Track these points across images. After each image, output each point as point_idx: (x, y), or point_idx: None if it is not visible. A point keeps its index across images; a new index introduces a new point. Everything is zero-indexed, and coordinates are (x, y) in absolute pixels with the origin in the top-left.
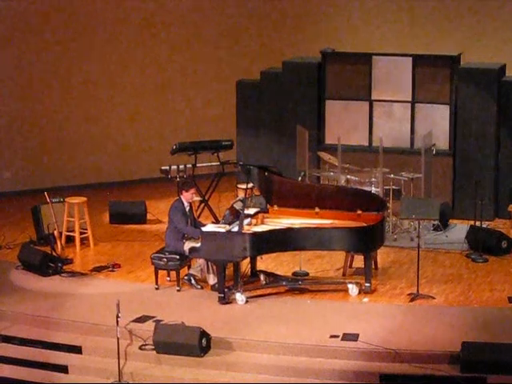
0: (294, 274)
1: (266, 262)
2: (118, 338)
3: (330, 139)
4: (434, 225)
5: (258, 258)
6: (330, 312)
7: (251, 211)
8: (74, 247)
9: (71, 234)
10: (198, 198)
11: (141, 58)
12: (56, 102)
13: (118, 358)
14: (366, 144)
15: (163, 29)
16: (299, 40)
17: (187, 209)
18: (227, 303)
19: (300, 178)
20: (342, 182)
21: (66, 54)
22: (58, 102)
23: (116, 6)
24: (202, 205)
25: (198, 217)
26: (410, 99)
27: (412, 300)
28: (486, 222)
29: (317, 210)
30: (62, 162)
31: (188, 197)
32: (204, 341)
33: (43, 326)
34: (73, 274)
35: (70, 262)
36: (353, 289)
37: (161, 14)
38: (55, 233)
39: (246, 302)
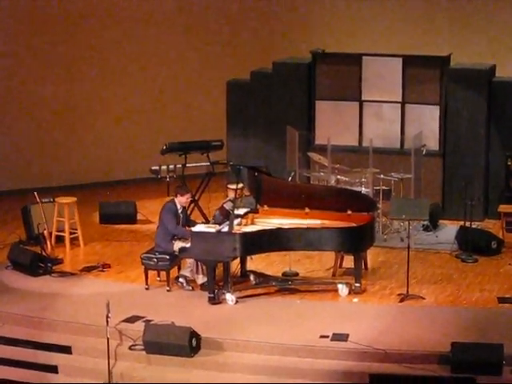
0: (284, 274)
1: (255, 262)
2: (107, 339)
3: (320, 139)
4: (423, 225)
5: (248, 258)
6: (320, 312)
7: (241, 211)
8: (63, 247)
9: (61, 234)
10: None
11: (130, 59)
12: (46, 102)
13: (108, 359)
14: (356, 144)
15: (153, 30)
16: (289, 40)
17: (180, 211)
18: (217, 303)
19: (290, 179)
20: (332, 183)
21: (57, 55)
22: (48, 103)
23: (106, 8)
24: (192, 205)
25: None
26: (400, 100)
27: (402, 300)
28: (476, 223)
29: (307, 210)
30: (52, 162)
31: (182, 201)
32: (194, 341)
33: (33, 326)
34: (63, 274)
35: (60, 262)
36: (343, 289)
37: (150, 14)
38: (45, 233)
39: (236, 302)
